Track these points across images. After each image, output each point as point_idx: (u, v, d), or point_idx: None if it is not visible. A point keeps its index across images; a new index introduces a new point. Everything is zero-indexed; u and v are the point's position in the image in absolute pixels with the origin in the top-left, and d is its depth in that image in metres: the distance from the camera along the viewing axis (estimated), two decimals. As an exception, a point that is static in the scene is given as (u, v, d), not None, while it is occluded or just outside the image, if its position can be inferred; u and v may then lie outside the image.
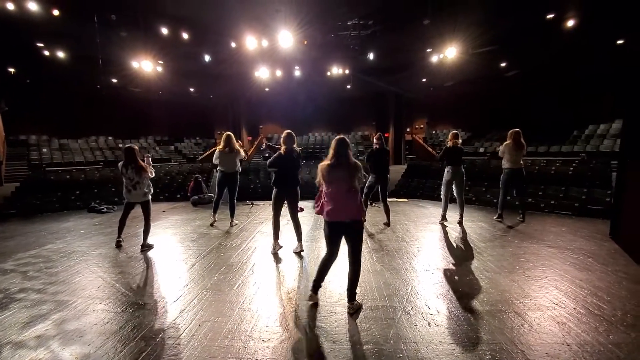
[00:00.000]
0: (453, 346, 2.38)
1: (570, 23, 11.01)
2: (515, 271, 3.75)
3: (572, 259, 4.13)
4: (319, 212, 3.03)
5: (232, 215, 6.22)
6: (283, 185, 4.43)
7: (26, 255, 4.77)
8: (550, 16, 10.75)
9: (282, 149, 4.33)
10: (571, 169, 8.67)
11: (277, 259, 4.34)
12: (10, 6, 9.18)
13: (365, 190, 5.96)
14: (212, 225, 6.28)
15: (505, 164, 6.07)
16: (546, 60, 15.19)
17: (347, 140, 3.04)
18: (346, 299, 2.97)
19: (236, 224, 6.27)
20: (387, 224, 5.98)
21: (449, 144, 5.83)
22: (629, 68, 4.97)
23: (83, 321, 2.81)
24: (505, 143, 6.02)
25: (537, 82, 17.62)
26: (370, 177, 5.81)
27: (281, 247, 4.67)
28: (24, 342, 2.53)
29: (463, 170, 5.87)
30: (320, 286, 3.07)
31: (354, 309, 2.89)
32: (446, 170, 5.87)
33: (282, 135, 4.39)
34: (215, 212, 6.39)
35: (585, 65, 15.13)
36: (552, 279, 3.51)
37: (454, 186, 5.90)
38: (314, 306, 2.99)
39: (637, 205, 4.51)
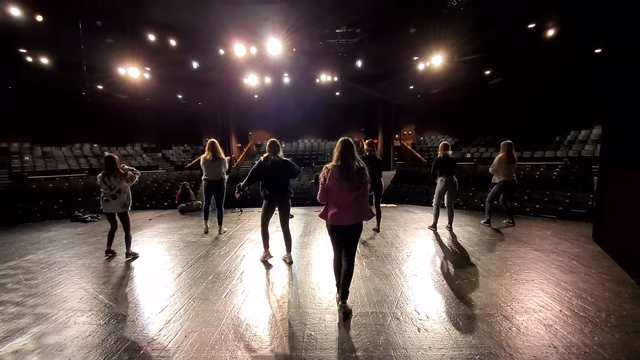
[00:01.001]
0: (443, 351, 2.38)
1: (551, 32, 11.38)
2: (502, 275, 3.79)
3: (557, 261, 4.20)
4: (323, 216, 2.98)
5: (220, 223, 6.15)
6: (273, 195, 4.25)
7: (4, 267, 4.60)
8: (531, 26, 11.10)
9: (263, 155, 4.23)
10: (555, 173, 8.86)
11: (267, 267, 4.29)
12: (-9, 11, 9.01)
13: None
14: (206, 232, 6.19)
15: (498, 177, 6.04)
16: (529, 67, 15.63)
17: (352, 141, 2.97)
18: (336, 306, 2.94)
19: (225, 232, 6.19)
20: (377, 230, 5.99)
21: (439, 154, 5.72)
22: (606, 76, 5.15)
23: (64, 334, 2.71)
24: (499, 157, 5.95)
25: (520, 88, 18.07)
26: None
27: (272, 256, 4.60)
28: (0, 357, 2.43)
29: (456, 179, 5.76)
30: (348, 292, 2.96)
31: (348, 308, 2.91)
32: (439, 180, 5.77)
33: (266, 143, 4.33)
34: (206, 219, 6.30)
35: (566, 73, 15.60)
36: (539, 282, 3.55)
37: (445, 195, 5.84)
38: (304, 314, 2.96)
39: (617, 208, 4.63)
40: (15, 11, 9.22)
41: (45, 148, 17.51)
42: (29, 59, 12.40)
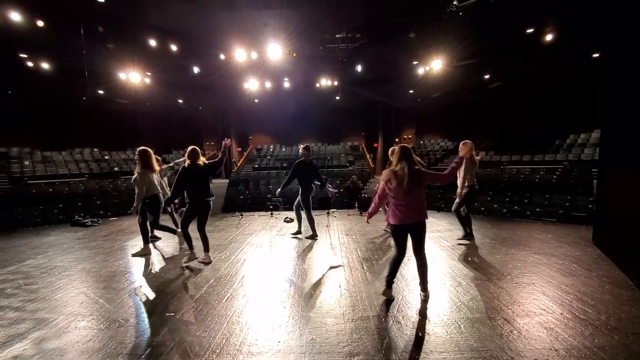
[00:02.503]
0: (444, 355, 2.37)
1: (549, 37, 11.45)
2: (503, 278, 3.79)
3: (558, 265, 4.20)
4: (371, 215, 3.41)
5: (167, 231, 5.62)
6: (196, 197, 4.46)
7: (4, 271, 4.59)
8: (529, 30, 11.18)
9: (186, 162, 4.38)
10: (554, 177, 8.89)
11: (267, 271, 4.28)
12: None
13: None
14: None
15: (470, 180, 5.29)
16: (527, 71, 15.71)
17: (409, 147, 3.21)
18: (337, 310, 2.95)
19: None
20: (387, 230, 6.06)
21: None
22: (604, 79, 5.17)
23: (64, 339, 2.70)
24: (476, 159, 5.37)
25: (519, 92, 18.13)
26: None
27: (197, 258, 4.66)
28: (1, 363, 2.42)
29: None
30: (393, 282, 3.29)
31: (426, 298, 3.22)
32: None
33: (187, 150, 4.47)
34: (147, 241, 5.45)
35: (564, 77, 15.68)
36: (539, 285, 3.55)
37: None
38: (305, 318, 2.96)
39: (617, 211, 4.64)
40: (15, 16, 9.26)
41: (45, 153, 17.51)
42: (30, 64, 12.44)
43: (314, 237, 5.89)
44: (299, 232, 6.18)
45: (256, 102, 20.93)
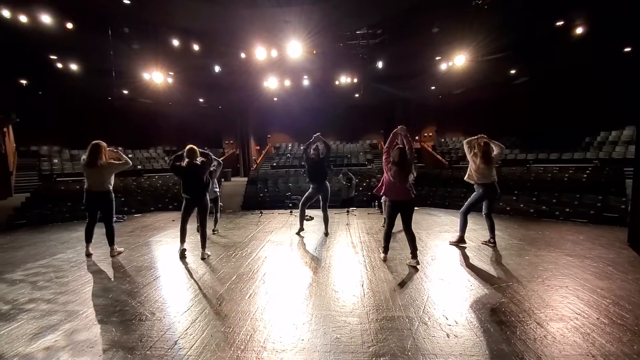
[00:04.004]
0: (474, 358, 2.28)
1: (579, 30, 10.97)
2: (534, 280, 3.64)
3: (592, 267, 4.01)
4: (379, 192, 4.45)
5: (110, 242, 5.10)
6: (191, 194, 4.68)
7: (36, 265, 4.76)
8: (559, 23, 10.73)
9: (185, 161, 4.56)
10: (585, 176, 8.52)
11: (288, 269, 4.28)
12: (24, 19, 9.37)
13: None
14: (87, 256, 5.05)
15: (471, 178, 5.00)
16: (556, 66, 15.11)
17: (406, 150, 4.16)
18: (360, 310, 2.92)
19: (119, 253, 5.16)
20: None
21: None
22: (637, 74, 4.87)
23: (94, 331, 2.77)
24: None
25: (547, 88, 17.51)
26: None
27: (185, 249, 4.87)
28: (32, 354, 2.47)
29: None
30: (389, 248, 4.51)
31: (416, 264, 4.15)
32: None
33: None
34: (88, 240, 5.13)
35: (595, 72, 15.01)
36: (573, 289, 3.39)
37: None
38: (328, 317, 2.92)
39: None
40: (46, 19, 9.61)
41: (72, 151, 18.24)
42: (59, 65, 12.92)
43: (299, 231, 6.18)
44: (301, 229, 6.26)
45: (275, 100, 21.05)
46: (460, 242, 5.12)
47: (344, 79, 16.57)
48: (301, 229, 6.19)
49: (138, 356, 2.39)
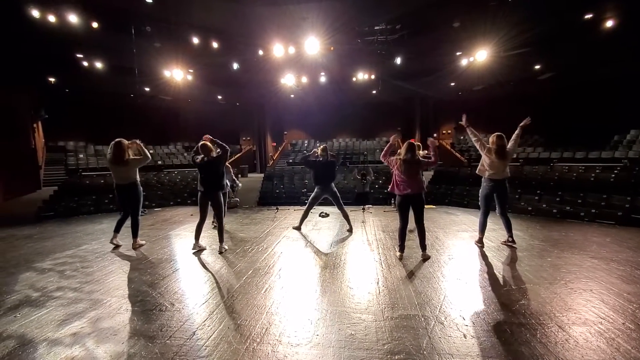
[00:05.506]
0: (492, 360, 2.25)
1: (609, 23, 10.48)
2: (556, 282, 3.53)
3: (619, 270, 3.84)
4: (393, 190, 4.43)
5: (134, 234, 5.28)
6: (205, 186, 4.81)
7: (63, 255, 4.99)
8: (588, 16, 10.28)
9: (200, 157, 4.75)
10: (613, 175, 8.17)
11: (304, 265, 4.30)
12: (52, 19, 9.72)
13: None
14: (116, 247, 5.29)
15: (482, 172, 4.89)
16: (583, 61, 14.46)
17: (415, 143, 4.33)
18: (375, 307, 2.90)
19: (141, 245, 5.31)
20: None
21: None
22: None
23: (117, 320, 2.87)
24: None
25: (573, 84, 16.83)
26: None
27: (204, 248, 5.01)
28: (60, 339, 2.60)
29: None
30: (404, 247, 4.48)
31: (426, 257, 4.34)
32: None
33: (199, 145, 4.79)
34: (116, 231, 5.36)
35: (625, 67, 14.32)
36: (598, 292, 3.27)
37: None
38: (343, 313, 2.93)
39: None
40: (73, 18, 9.92)
41: (97, 146, 18.87)
42: (85, 63, 13.35)
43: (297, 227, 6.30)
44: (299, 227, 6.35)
45: (292, 97, 21.09)
46: (478, 242, 5.01)
47: (361, 76, 16.42)
48: (299, 228, 6.29)
49: (158, 345, 2.47)
